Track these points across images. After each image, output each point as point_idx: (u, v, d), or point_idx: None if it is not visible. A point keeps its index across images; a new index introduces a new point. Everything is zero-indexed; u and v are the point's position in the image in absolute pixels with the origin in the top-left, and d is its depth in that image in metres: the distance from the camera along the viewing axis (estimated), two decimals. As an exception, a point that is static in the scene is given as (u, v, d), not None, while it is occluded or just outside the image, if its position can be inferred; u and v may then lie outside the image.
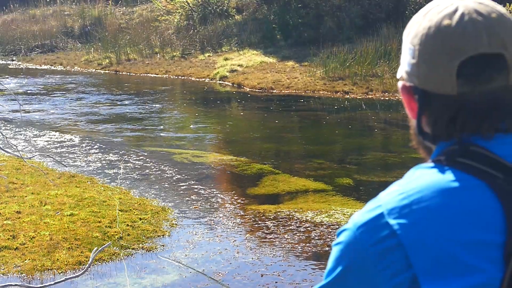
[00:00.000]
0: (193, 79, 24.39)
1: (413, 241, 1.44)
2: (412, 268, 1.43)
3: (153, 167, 12.11)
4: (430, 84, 1.55)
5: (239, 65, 24.03)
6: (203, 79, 23.98)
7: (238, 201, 10.19)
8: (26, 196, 9.98)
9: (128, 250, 8.23)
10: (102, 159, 12.75)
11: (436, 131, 1.58)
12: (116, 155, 12.98)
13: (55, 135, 14.95)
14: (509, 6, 17.31)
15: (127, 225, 8.96)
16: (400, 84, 1.66)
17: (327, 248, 8.23)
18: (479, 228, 1.44)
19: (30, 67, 29.52)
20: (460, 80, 1.51)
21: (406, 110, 1.66)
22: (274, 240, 8.53)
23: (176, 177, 11.44)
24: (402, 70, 1.67)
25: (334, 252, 1.57)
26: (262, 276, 7.51)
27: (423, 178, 1.51)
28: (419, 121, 1.60)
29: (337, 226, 8.89)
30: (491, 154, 1.50)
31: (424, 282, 1.42)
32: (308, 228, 8.89)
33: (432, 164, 1.54)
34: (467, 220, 1.44)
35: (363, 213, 1.53)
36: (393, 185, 1.55)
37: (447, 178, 1.49)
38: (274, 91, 20.96)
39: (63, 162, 11.96)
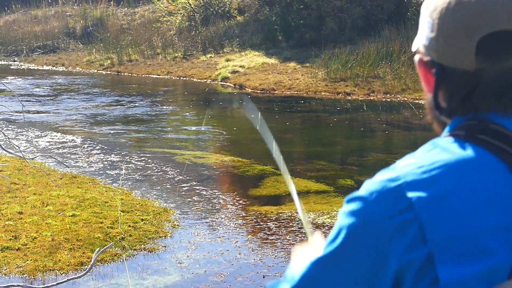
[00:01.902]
0: (195, 80, 24.39)
1: (432, 218, 1.41)
2: (428, 245, 1.40)
3: (155, 168, 12.12)
4: (448, 59, 1.54)
5: (240, 66, 24.03)
6: (205, 80, 23.99)
7: (240, 202, 10.19)
8: (28, 197, 9.98)
9: (130, 251, 8.24)
10: (104, 160, 12.75)
11: (452, 106, 1.56)
12: (118, 156, 12.99)
13: (57, 136, 14.96)
14: None
15: (129, 226, 8.96)
16: (416, 57, 1.63)
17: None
18: (500, 211, 1.42)
19: (32, 67, 29.54)
20: (479, 56, 1.50)
21: (422, 83, 1.64)
22: (276, 241, 8.54)
23: (178, 178, 11.45)
24: (419, 43, 1.64)
25: (343, 220, 1.51)
26: (264, 277, 7.52)
27: (444, 154, 1.48)
28: (435, 95, 1.58)
29: (339, 228, 8.88)
30: (509, 132, 1.49)
31: (440, 261, 1.39)
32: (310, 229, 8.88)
33: (451, 139, 1.52)
34: (488, 201, 1.42)
35: (379, 182, 1.49)
36: (409, 157, 1.52)
37: (469, 156, 1.46)
38: (275, 92, 20.97)
39: (65, 163, 11.97)
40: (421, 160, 1.48)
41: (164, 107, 19.45)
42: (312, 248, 1.84)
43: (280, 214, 9.46)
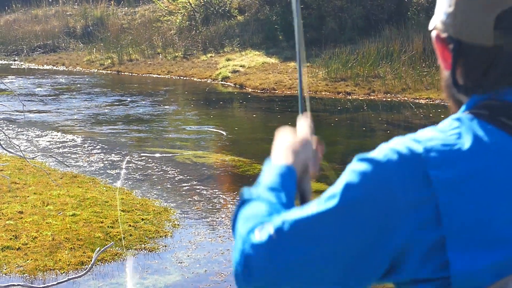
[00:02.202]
0: (195, 79, 24.39)
1: (450, 201, 1.36)
2: (441, 229, 1.36)
3: (155, 167, 12.12)
4: (466, 34, 1.50)
5: (241, 66, 24.03)
6: (205, 80, 23.98)
7: (240, 201, 10.17)
8: (28, 196, 9.98)
9: (130, 250, 8.24)
10: (104, 159, 12.75)
11: (470, 83, 1.53)
12: (118, 156, 12.99)
13: (57, 135, 14.96)
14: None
15: (129, 225, 8.96)
16: (434, 33, 1.60)
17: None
18: None
19: (32, 67, 29.54)
20: (497, 31, 1.47)
21: (439, 60, 1.60)
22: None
23: (178, 177, 11.45)
24: (437, 19, 1.60)
25: (351, 178, 1.45)
26: (264, 276, 7.50)
27: (469, 135, 1.43)
28: (453, 72, 1.54)
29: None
30: None
31: (452, 248, 1.35)
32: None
33: (474, 119, 1.47)
34: (508, 189, 1.38)
35: (399, 150, 1.44)
36: (433, 131, 1.47)
37: (493, 141, 1.42)
38: (276, 92, 20.96)
39: (65, 162, 11.97)
40: (445, 137, 1.43)
41: (165, 106, 19.45)
42: (295, 136, 1.86)
43: (281, 214, 9.45)
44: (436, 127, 1.48)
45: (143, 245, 8.40)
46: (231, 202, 10.16)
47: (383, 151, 1.46)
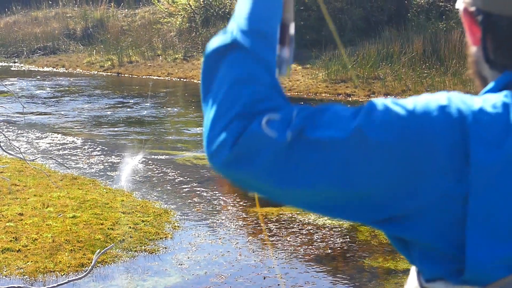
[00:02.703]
0: (195, 81, 24.39)
1: (484, 186, 1.28)
2: (467, 206, 1.29)
3: (155, 169, 12.12)
4: (495, 5, 1.42)
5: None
6: (205, 82, 23.96)
7: (240, 203, 10.19)
8: (28, 198, 9.98)
9: (130, 252, 8.24)
10: (105, 161, 12.75)
11: (500, 58, 1.45)
12: (119, 158, 12.99)
13: (57, 137, 14.96)
14: None
15: (130, 227, 8.96)
16: (461, 6, 1.52)
17: (329, 251, 8.23)
18: None
19: (32, 69, 29.52)
20: None
21: (467, 35, 1.53)
22: (277, 243, 8.54)
23: (179, 179, 11.45)
24: None
25: (392, 116, 1.32)
26: (264, 278, 7.52)
27: None
28: (484, 47, 1.47)
29: (340, 229, 8.89)
30: None
31: (472, 243, 1.28)
32: (311, 231, 8.90)
33: None
34: None
35: (458, 109, 1.33)
36: (489, 104, 1.34)
37: None
38: (276, 93, 20.94)
39: (65, 164, 11.98)
40: (499, 114, 1.32)
41: (165, 108, 19.45)
42: None
43: (281, 215, 9.46)
44: (491, 99, 1.36)
45: (143, 247, 8.41)
46: (231, 204, 10.16)
47: (449, 99, 1.35)
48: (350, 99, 19.64)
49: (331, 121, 1.34)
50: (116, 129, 16.17)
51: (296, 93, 20.69)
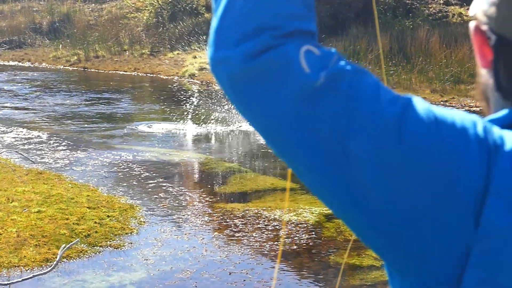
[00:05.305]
0: (162, 76, 24.34)
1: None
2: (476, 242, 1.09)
3: (121, 164, 12.08)
4: (510, 29, 1.23)
5: (208, 63, 23.99)
6: (172, 77, 23.92)
7: (206, 199, 10.19)
8: (-7, 193, 9.92)
9: (96, 247, 8.21)
10: (70, 156, 12.69)
11: (510, 88, 1.25)
12: (84, 152, 12.93)
13: (22, 132, 14.85)
14: None
15: (95, 222, 8.93)
16: (472, 24, 1.32)
17: (295, 247, 8.26)
18: None
19: (-3, 63, 29.30)
20: None
21: (476, 56, 1.32)
22: (242, 239, 8.55)
23: (144, 174, 11.42)
24: (478, 7, 1.32)
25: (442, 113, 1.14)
26: (230, 274, 7.53)
27: None
28: (496, 73, 1.27)
29: (306, 225, 8.93)
30: None
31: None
32: (276, 227, 8.92)
33: None
34: None
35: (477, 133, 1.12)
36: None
37: None
38: (243, 89, 20.95)
39: (31, 159, 11.89)
40: None
41: (131, 103, 19.39)
42: None
43: (246, 211, 9.48)
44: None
45: (108, 242, 8.38)
46: (197, 200, 10.16)
47: (481, 123, 1.16)
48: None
49: (373, 90, 1.18)
50: (82, 124, 16.09)
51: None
